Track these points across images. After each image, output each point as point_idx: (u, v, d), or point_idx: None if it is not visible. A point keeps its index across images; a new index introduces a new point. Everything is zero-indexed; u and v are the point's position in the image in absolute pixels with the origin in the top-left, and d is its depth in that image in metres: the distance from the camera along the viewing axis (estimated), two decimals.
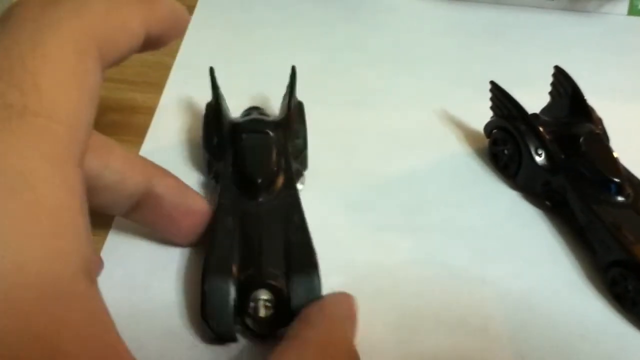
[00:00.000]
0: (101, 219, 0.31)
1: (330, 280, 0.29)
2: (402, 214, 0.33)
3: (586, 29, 0.47)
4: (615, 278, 0.29)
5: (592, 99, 0.35)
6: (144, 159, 0.28)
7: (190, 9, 0.46)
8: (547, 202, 0.33)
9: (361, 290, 0.29)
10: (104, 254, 0.30)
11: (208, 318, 0.25)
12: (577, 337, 0.28)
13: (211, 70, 0.34)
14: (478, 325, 0.28)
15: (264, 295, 0.26)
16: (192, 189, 0.29)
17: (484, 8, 0.48)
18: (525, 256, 0.31)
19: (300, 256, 0.27)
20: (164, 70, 0.41)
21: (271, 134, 0.31)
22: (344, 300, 0.27)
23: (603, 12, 0.48)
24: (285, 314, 0.26)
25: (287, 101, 0.34)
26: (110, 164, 0.26)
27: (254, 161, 0.30)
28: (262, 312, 0.26)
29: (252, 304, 0.26)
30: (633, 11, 0.48)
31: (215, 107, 0.33)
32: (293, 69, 0.34)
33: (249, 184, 0.29)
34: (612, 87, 0.42)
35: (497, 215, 0.33)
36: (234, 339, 0.26)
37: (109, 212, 0.28)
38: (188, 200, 0.29)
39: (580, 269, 0.31)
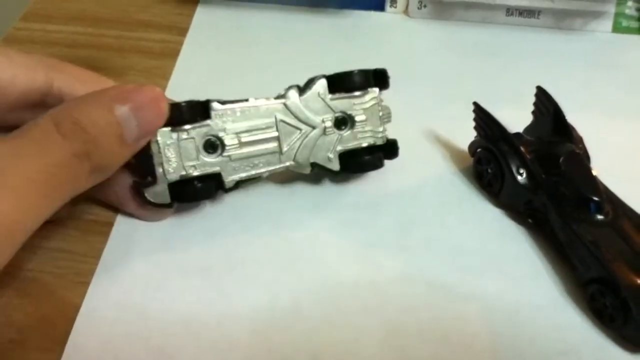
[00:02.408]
0: (99, 235, 0.32)
1: (317, 296, 0.30)
2: (388, 232, 0.34)
3: (572, 46, 0.48)
4: (594, 294, 0.30)
5: (578, 115, 0.36)
6: (46, 58, 0.25)
7: (184, 30, 0.47)
8: (529, 220, 0.34)
9: (348, 307, 0.30)
10: (98, 273, 0.31)
11: None
12: (559, 352, 0.29)
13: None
14: (462, 341, 0.29)
15: None
16: (104, 77, 0.26)
17: (473, 27, 0.49)
18: (508, 272, 0.32)
19: None
20: None
21: None
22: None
23: (588, 30, 0.49)
24: None
25: None
26: None
27: None
28: None
29: None
30: (617, 28, 0.49)
31: None
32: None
33: None
34: (598, 102, 0.43)
35: (481, 232, 0.34)
36: None
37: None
38: (97, 87, 0.24)
39: (561, 285, 0.32)
